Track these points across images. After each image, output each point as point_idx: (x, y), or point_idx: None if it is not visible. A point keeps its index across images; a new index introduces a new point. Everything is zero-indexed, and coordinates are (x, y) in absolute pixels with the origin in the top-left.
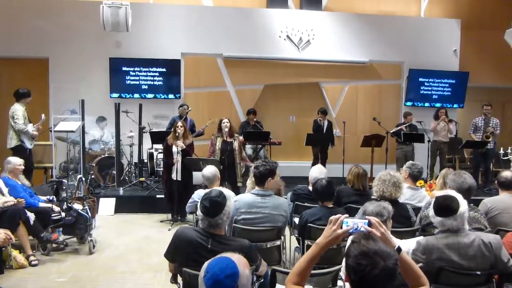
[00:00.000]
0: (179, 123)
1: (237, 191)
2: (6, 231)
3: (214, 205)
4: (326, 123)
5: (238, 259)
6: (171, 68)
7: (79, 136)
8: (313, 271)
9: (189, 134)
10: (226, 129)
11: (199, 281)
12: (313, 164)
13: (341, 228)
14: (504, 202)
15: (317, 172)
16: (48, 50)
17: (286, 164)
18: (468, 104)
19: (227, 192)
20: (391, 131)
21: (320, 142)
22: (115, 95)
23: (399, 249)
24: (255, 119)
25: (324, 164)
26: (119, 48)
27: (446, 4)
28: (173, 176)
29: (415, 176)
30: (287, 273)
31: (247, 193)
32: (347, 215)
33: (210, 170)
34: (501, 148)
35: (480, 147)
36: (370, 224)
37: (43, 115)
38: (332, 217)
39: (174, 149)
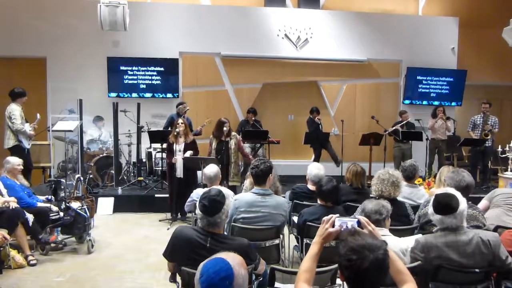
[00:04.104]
0: (180, 120)
1: (231, 189)
2: (2, 231)
3: (213, 204)
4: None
5: (233, 259)
6: (169, 67)
7: (77, 136)
8: None
9: (189, 131)
10: (226, 129)
11: (195, 282)
12: None
13: (333, 227)
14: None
15: (317, 169)
16: (45, 49)
17: (284, 163)
18: (466, 102)
19: (226, 191)
20: (388, 131)
21: (319, 141)
22: (113, 94)
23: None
24: (254, 118)
25: (334, 156)
26: (116, 47)
27: (444, 2)
28: (176, 174)
29: (406, 176)
30: (286, 272)
31: (248, 192)
32: (338, 215)
33: (212, 169)
34: (499, 146)
35: (478, 145)
36: (359, 223)
37: (38, 115)
38: (325, 218)
39: (175, 147)
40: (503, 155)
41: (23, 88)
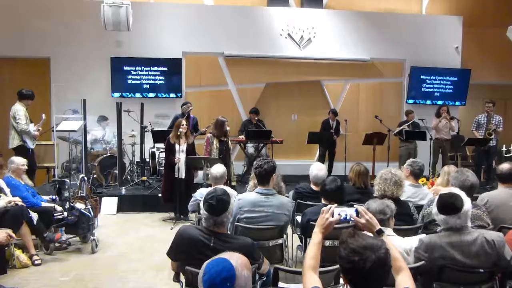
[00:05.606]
0: (183, 122)
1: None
2: (7, 230)
3: (220, 203)
4: (335, 123)
5: (237, 260)
6: (172, 67)
7: (81, 136)
8: None
9: (190, 133)
10: (227, 128)
11: (199, 280)
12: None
13: (333, 216)
14: (500, 196)
15: (317, 170)
16: (49, 49)
17: (287, 163)
18: (470, 102)
19: (230, 190)
20: (395, 131)
21: (322, 140)
22: (116, 94)
23: (379, 231)
24: (257, 118)
25: (331, 163)
26: (120, 47)
27: (448, 1)
28: (176, 175)
29: (416, 174)
30: (289, 272)
31: (251, 192)
32: (336, 205)
33: (219, 169)
34: (504, 145)
35: (482, 145)
36: (357, 212)
37: (43, 115)
38: (324, 208)
39: (177, 147)
40: (508, 155)
41: (32, 91)
